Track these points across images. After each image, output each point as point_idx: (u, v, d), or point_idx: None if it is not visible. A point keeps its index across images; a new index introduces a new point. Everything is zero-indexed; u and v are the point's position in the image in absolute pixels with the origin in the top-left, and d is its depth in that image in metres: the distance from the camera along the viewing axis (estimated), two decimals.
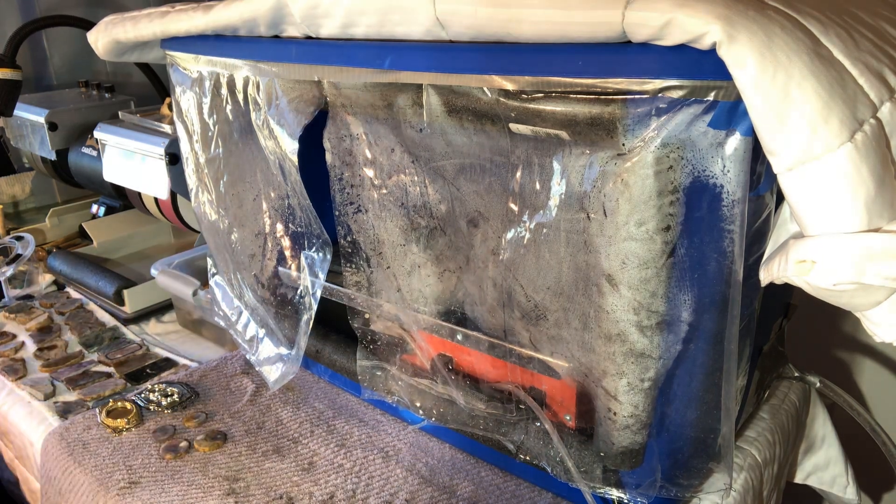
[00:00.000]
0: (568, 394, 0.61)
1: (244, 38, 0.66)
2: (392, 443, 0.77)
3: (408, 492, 0.70)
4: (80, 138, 1.28)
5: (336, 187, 0.69)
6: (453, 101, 0.53)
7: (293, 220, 0.78)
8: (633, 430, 0.56)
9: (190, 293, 0.95)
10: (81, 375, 0.94)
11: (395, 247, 0.69)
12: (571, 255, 0.54)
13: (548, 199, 0.53)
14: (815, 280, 0.39)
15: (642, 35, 0.41)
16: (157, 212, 1.17)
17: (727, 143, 0.44)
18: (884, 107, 0.40)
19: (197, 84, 0.72)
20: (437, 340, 0.69)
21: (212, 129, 0.73)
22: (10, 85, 1.11)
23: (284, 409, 0.83)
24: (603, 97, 0.44)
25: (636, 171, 0.46)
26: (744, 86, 0.38)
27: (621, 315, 0.52)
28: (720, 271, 0.49)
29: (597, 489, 0.60)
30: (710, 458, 0.59)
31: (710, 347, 0.53)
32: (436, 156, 0.60)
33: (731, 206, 0.46)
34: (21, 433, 0.87)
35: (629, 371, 0.54)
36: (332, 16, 0.56)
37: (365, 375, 0.76)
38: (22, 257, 1.21)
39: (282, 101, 0.63)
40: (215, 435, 0.78)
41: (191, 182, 0.80)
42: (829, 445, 0.90)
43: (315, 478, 0.72)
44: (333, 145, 0.67)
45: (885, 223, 0.38)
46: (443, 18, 0.49)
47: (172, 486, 0.71)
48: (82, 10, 1.61)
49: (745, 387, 0.67)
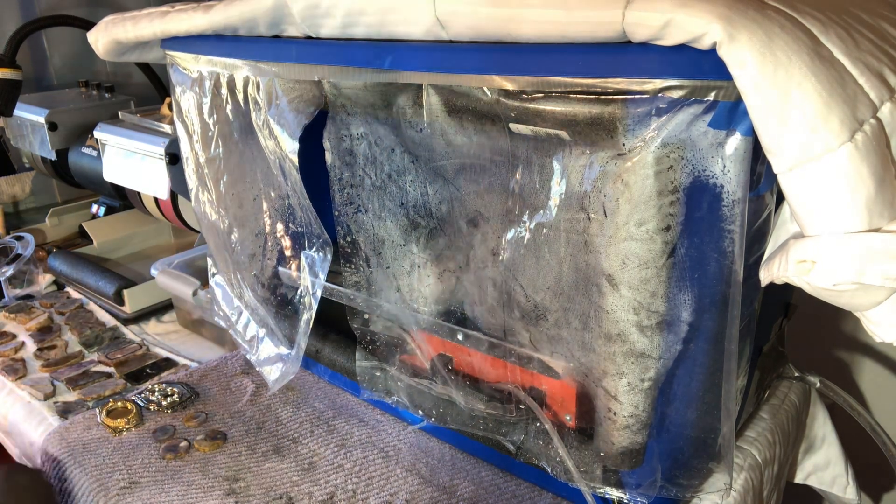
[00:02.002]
0: (568, 394, 0.61)
1: (244, 38, 0.66)
2: (392, 443, 0.77)
3: (408, 492, 0.70)
4: (80, 138, 1.28)
5: (336, 187, 0.69)
6: (453, 101, 0.53)
7: (293, 220, 0.78)
8: (633, 430, 0.56)
9: (190, 293, 0.95)
10: (81, 375, 0.93)
11: (395, 247, 0.69)
12: (571, 255, 0.54)
13: (548, 199, 0.53)
14: (815, 280, 0.39)
15: (642, 35, 0.41)
16: (157, 212, 1.17)
17: (727, 143, 0.44)
18: (884, 107, 0.40)
19: (197, 84, 0.72)
20: (436, 340, 0.69)
21: (212, 129, 0.73)
22: (10, 85, 1.11)
23: (284, 409, 0.83)
24: (603, 97, 0.44)
25: (636, 171, 0.46)
26: (744, 86, 0.38)
27: (621, 315, 0.52)
28: (720, 271, 0.49)
29: (597, 489, 0.60)
30: (711, 458, 0.59)
31: (710, 347, 0.53)
32: (436, 156, 0.60)
33: (732, 206, 0.46)
34: (21, 433, 0.87)
35: (629, 371, 0.54)
36: (332, 16, 0.56)
37: (364, 376, 0.76)
38: (22, 257, 1.21)
39: (282, 101, 0.63)
40: (215, 435, 0.78)
41: (191, 182, 0.80)
42: (829, 445, 0.90)
43: (315, 478, 0.72)
44: (333, 145, 0.67)
45: (885, 223, 0.38)
46: (443, 18, 0.49)
47: (172, 486, 0.71)
48: (82, 10, 1.60)
49: (745, 387, 0.67)
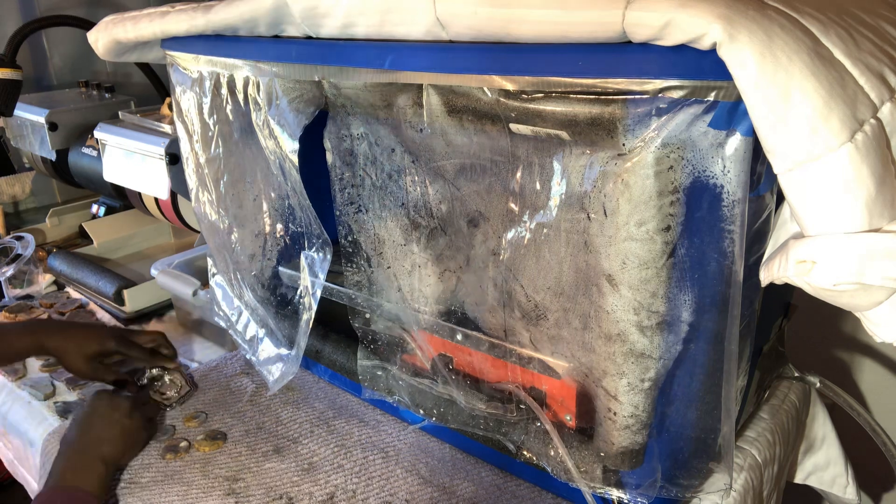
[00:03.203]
0: (568, 394, 0.61)
1: (244, 38, 0.66)
2: (392, 443, 0.77)
3: (408, 492, 0.70)
4: (80, 138, 1.28)
5: (336, 187, 0.69)
6: (453, 101, 0.53)
7: (293, 220, 0.78)
8: (633, 430, 0.56)
9: (190, 293, 0.95)
10: None
11: (396, 247, 0.69)
12: (572, 255, 0.54)
13: (548, 200, 0.53)
14: (815, 280, 0.39)
15: (642, 35, 0.41)
16: (157, 212, 1.17)
17: (727, 144, 0.44)
18: (884, 107, 0.40)
19: (197, 84, 0.72)
20: (437, 340, 0.69)
21: (212, 129, 0.73)
22: (10, 85, 1.11)
23: (284, 409, 0.83)
24: (603, 97, 0.44)
25: (636, 171, 0.46)
26: (744, 86, 0.38)
27: (621, 315, 0.52)
28: (720, 271, 0.49)
29: (597, 489, 0.60)
30: (711, 458, 0.59)
31: (710, 347, 0.53)
32: (436, 156, 0.60)
33: (732, 207, 0.46)
34: (21, 433, 0.87)
35: (629, 371, 0.54)
36: (332, 16, 0.56)
37: (365, 375, 0.76)
38: (22, 257, 1.21)
39: (282, 101, 0.63)
40: (215, 435, 0.78)
41: (191, 182, 0.80)
42: (829, 445, 0.90)
43: (315, 478, 0.72)
44: (333, 145, 0.67)
45: (885, 223, 0.38)
46: (443, 19, 0.49)
47: (172, 486, 0.71)
48: (82, 10, 1.61)
49: (745, 387, 0.67)
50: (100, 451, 0.70)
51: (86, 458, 0.69)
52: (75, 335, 0.81)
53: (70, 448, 0.70)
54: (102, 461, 0.70)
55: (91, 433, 0.72)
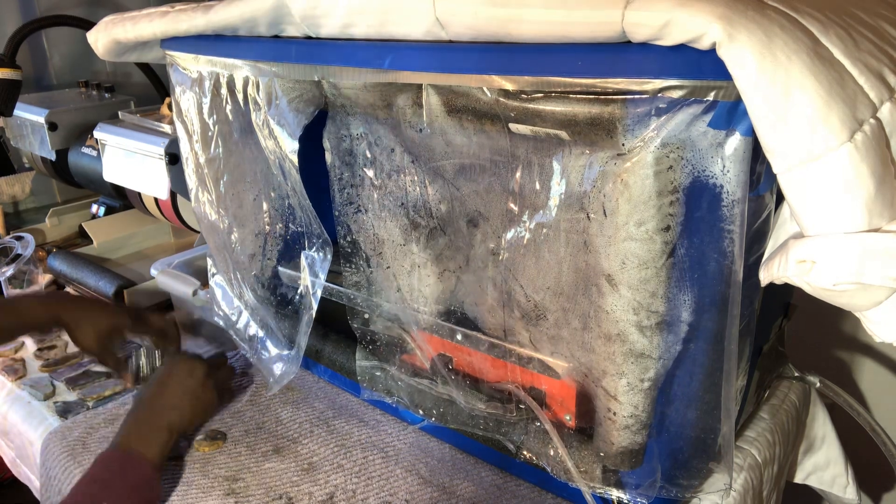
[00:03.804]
0: (568, 394, 0.61)
1: (244, 38, 0.66)
2: (392, 443, 0.77)
3: (407, 492, 0.70)
4: (80, 138, 1.28)
5: (336, 187, 0.69)
6: (453, 101, 0.53)
7: (293, 220, 0.78)
8: (632, 431, 0.56)
9: (190, 293, 0.95)
10: (81, 375, 0.93)
11: (395, 247, 0.69)
12: (571, 255, 0.54)
13: (548, 199, 0.53)
14: (815, 280, 0.39)
15: (642, 35, 0.41)
16: (157, 212, 1.17)
17: (727, 143, 0.44)
18: (884, 107, 0.40)
19: (197, 84, 0.72)
20: (436, 340, 0.69)
21: (212, 129, 0.73)
22: (10, 85, 1.11)
23: (284, 409, 0.83)
24: (603, 97, 0.44)
25: (636, 171, 0.46)
26: (744, 86, 0.38)
27: (621, 315, 0.52)
28: (720, 271, 0.49)
29: (596, 489, 0.60)
30: (710, 458, 0.59)
31: (709, 347, 0.53)
32: (436, 156, 0.60)
33: (731, 206, 0.46)
34: (21, 433, 0.87)
35: (629, 371, 0.54)
36: (331, 16, 0.56)
37: (364, 376, 0.76)
38: (22, 257, 1.21)
39: (282, 101, 0.63)
40: (215, 435, 0.78)
41: (190, 182, 0.80)
42: (829, 445, 0.90)
43: (315, 478, 0.72)
44: (333, 145, 0.67)
45: (885, 223, 0.38)
46: (443, 18, 0.49)
47: (172, 486, 0.71)
48: (82, 10, 1.60)
49: (745, 387, 0.67)
50: (168, 419, 0.71)
51: (152, 424, 0.70)
52: (91, 309, 0.82)
53: (140, 410, 0.71)
54: (168, 429, 0.70)
55: (163, 398, 0.72)
